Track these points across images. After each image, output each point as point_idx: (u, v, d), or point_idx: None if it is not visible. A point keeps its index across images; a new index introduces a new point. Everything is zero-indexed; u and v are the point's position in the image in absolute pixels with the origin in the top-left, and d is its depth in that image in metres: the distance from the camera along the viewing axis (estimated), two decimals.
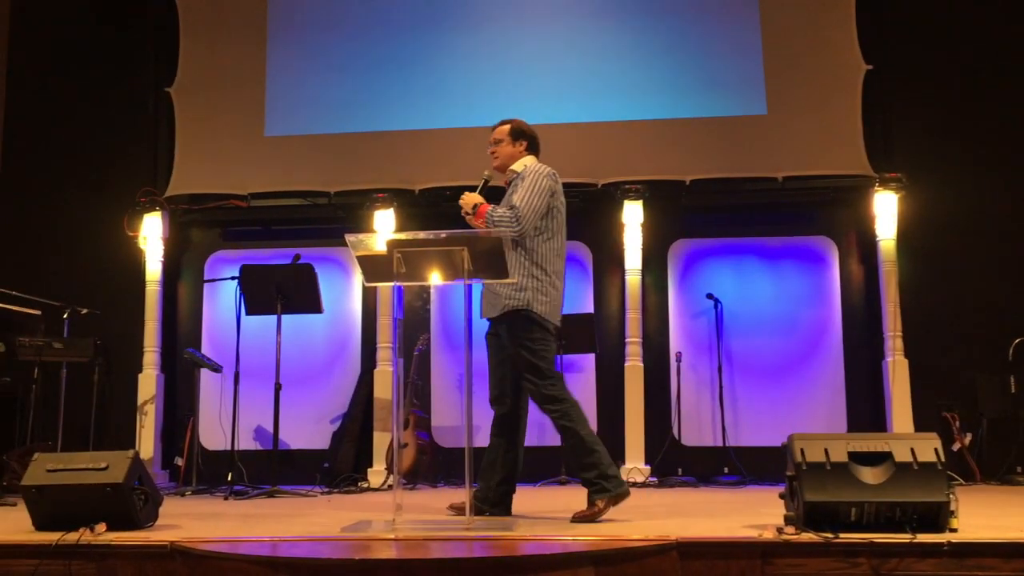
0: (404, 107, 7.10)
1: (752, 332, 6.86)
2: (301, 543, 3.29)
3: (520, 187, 4.05)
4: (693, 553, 3.03)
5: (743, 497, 5.18)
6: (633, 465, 6.39)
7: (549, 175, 4.10)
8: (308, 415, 7.00)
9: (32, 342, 5.90)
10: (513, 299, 3.98)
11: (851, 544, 2.98)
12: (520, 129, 4.30)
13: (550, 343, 4.04)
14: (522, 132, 4.30)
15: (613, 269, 7.00)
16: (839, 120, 6.75)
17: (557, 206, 4.12)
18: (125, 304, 7.01)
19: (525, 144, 4.28)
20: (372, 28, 7.23)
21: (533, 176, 4.07)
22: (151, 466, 6.60)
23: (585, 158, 6.92)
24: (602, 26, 7.06)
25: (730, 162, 6.83)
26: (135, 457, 3.64)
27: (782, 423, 6.51)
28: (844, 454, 3.20)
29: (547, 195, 4.05)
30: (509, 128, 4.29)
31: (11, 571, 3.14)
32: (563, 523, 3.76)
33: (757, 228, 7.01)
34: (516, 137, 4.27)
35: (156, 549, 3.15)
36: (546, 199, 4.04)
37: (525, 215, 3.96)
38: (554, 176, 4.13)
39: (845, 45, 6.81)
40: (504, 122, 4.34)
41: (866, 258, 6.84)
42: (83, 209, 7.31)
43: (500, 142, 4.28)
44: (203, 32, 7.37)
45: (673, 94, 6.93)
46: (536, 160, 4.26)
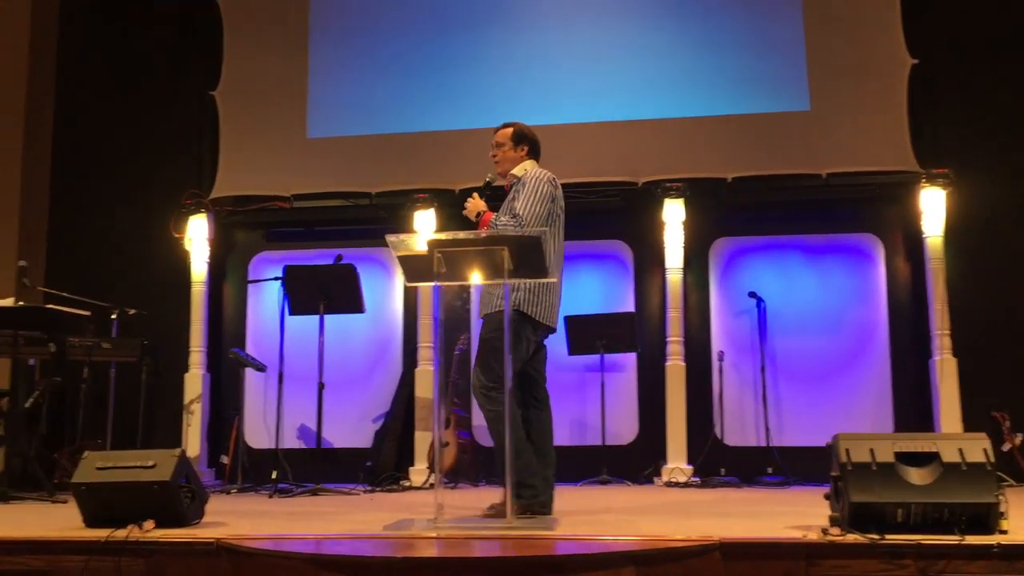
0: (445, 107, 7.12)
1: (796, 331, 6.78)
2: (344, 541, 3.32)
3: (521, 194, 4.09)
4: (736, 554, 3.01)
5: (787, 497, 5.13)
6: (675, 465, 6.35)
7: (549, 181, 4.14)
8: (351, 414, 7.06)
9: (82, 342, 6.02)
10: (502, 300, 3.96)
11: (897, 546, 2.93)
12: (522, 133, 4.32)
13: (520, 350, 4.02)
14: (524, 136, 4.32)
15: (654, 268, 6.97)
16: (884, 115, 6.64)
17: (557, 211, 4.15)
18: (172, 304, 7.12)
19: (526, 148, 4.31)
20: (413, 29, 7.26)
21: (534, 182, 4.12)
22: (197, 464, 6.69)
23: (625, 157, 6.89)
24: (643, 23, 7.03)
25: (772, 159, 6.76)
26: (182, 455, 3.70)
27: (827, 423, 6.43)
28: (890, 454, 3.15)
29: (548, 201, 4.10)
30: (511, 132, 4.32)
31: (62, 567, 3.21)
32: (604, 523, 3.75)
33: (800, 225, 6.93)
34: (518, 141, 4.30)
35: (202, 546, 3.20)
36: (547, 205, 4.09)
37: (528, 223, 4.00)
38: (554, 182, 4.17)
39: (890, 38, 6.70)
40: (506, 125, 4.36)
41: (913, 255, 6.73)
42: (130, 211, 7.44)
43: (502, 146, 4.31)
44: (246, 37, 7.47)
45: (714, 91, 6.87)
46: (536, 165, 4.29)
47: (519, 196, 4.09)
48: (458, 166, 7.03)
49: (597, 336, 6.52)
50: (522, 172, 4.24)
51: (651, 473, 6.55)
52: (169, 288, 7.18)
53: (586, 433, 6.85)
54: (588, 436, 6.81)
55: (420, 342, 6.79)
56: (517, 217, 4.01)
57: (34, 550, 3.26)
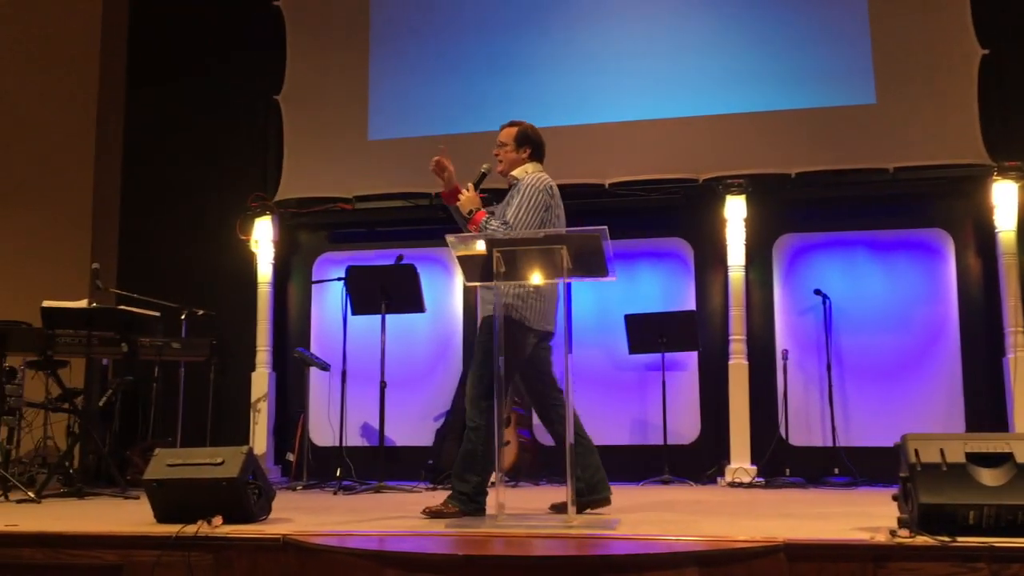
0: (503, 107, 7.12)
1: (863, 328, 6.65)
2: (407, 538, 3.35)
3: (515, 201, 4.04)
4: (801, 555, 2.96)
5: (854, 499, 5.03)
6: (738, 465, 6.28)
7: (545, 189, 4.07)
8: (412, 413, 7.12)
9: (152, 343, 6.16)
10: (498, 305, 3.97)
11: (969, 548, 2.86)
12: (526, 134, 4.24)
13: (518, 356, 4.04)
14: (527, 138, 4.24)
15: (716, 265, 6.89)
16: (953, 107, 6.47)
17: (551, 220, 4.08)
18: (238, 305, 7.27)
19: (529, 150, 4.23)
20: (471, 31, 7.30)
21: (530, 190, 4.05)
22: (264, 461, 6.82)
23: (686, 153, 6.84)
24: (703, 18, 6.96)
25: (837, 154, 6.64)
26: (249, 452, 3.76)
27: (895, 423, 6.29)
28: (961, 455, 3.07)
29: (541, 210, 4.03)
30: (515, 132, 4.24)
31: (135, 561, 3.29)
32: (666, 522, 3.72)
33: (867, 221, 6.79)
34: (521, 143, 4.23)
35: (269, 542, 3.25)
36: (540, 214, 4.02)
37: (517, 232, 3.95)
38: (550, 190, 4.09)
39: (959, 28, 6.52)
40: (511, 124, 4.28)
41: (984, 250, 6.55)
42: (198, 214, 7.62)
43: (504, 145, 4.24)
44: (309, 42, 7.59)
45: (776, 85, 6.77)
46: (539, 168, 4.22)
47: (512, 201, 4.07)
48: None
49: (658, 335, 6.47)
50: (521, 175, 4.19)
51: (714, 473, 6.48)
52: (236, 289, 7.34)
53: (647, 432, 6.81)
54: (649, 435, 6.77)
55: None
56: (506, 226, 3.97)
57: (108, 545, 3.35)
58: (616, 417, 6.87)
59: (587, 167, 6.93)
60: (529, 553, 3.03)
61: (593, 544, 3.14)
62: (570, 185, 6.97)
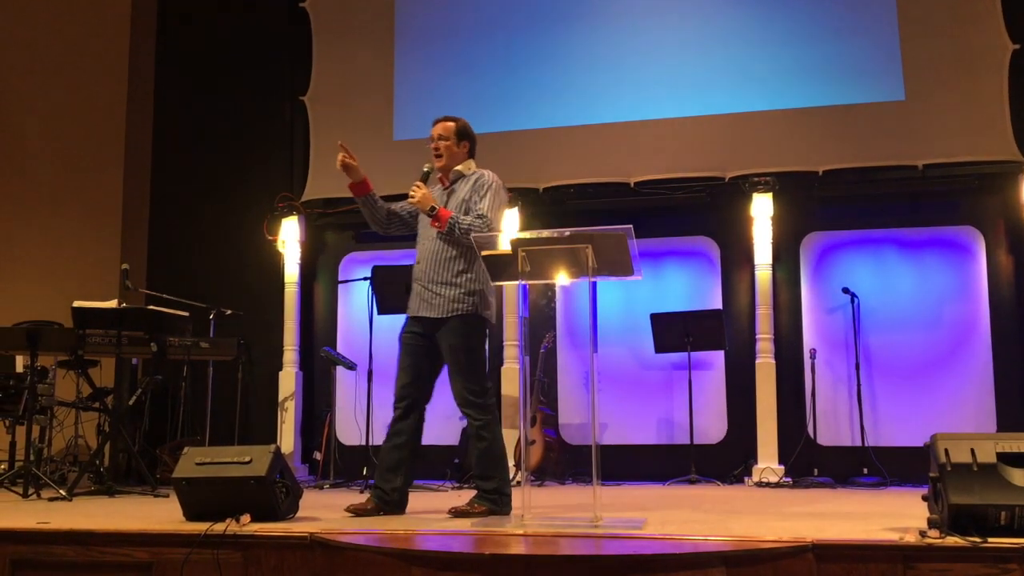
0: (527, 106, 7.14)
1: (892, 327, 6.58)
2: (433, 537, 3.36)
3: (483, 194, 4.08)
4: (830, 556, 2.94)
5: (883, 499, 4.98)
6: (766, 465, 6.24)
7: (505, 190, 4.20)
8: (438, 412, 7.04)
9: (181, 342, 6.21)
10: (463, 302, 4.02)
11: (1001, 549, 2.82)
12: (465, 129, 4.25)
13: (485, 351, 4.17)
14: (466, 133, 4.26)
15: (742, 264, 6.85)
16: (984, 103, 6.39)
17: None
18: (266, 305, 7.32)
19: (468, 146, 4.25)
20: (495, 30, 7.30)
21: (496, 187, 4.13)
22: (291, 460, 6.86)
23: (711, 151, 6.80)
24: (728, 14, 6.91)
25: (866, 151, 6.57)
26: (276, 451, 3.79)
27: (925, 423, 6.22)
28: (992, 455, 3.03)
29: (504, 209, 4.19)
30: (455, 127, 4.23)
31: (164, 558, 3.33)
32: (693, 522, 3.71)
33: (896, 219, 6.71)
34: (461, 138, 4.23)
35: (297, 540, 3.28)
36: (503, 213, 4.16)
37: (494, 227, 4.01)
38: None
39: (989, 23, 6.43)
40: (448, 119, 4.26)
41: (1016, 248, 6.46)
42: (225, 215, 7.68)
43: (445, 140, 4.21)
44: (334, 43, 7.62)
45: (803, 82, 6.71)
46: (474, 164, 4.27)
47: (477, 195, 4.09)
48: (541, 164, 7.04)
49: (684, 334, 6.45)
50: (468, 170, 4.23)
51: (741, 473, 6.45)
52: (263, 289, 7.39)
53: (674, 432, 6.78)
54: (676, 435, 6.74)
55: (505, 340, 6.83)
56: (484, 218, 4.00)
57: (138, 542, 3.39)
58: (642, 416, 6.85)
59: (613, 166, 6.91)
60: (555, 552, 3.02)
61: (619, 544, 3.13)
62: (595, 184, 7.00)
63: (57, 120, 7.90)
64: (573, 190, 7.00)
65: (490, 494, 3.98)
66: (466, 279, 4.04)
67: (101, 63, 7.94)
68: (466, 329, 4.02)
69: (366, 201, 4.27)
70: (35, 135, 7.92)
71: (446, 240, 4.05)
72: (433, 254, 4.09)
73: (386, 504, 4.03)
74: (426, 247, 4.12)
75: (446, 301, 4.03)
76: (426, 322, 4.07)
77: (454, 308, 4.02)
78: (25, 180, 7.86)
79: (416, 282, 4.13)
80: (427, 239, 4.13)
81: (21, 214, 7.79)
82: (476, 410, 4.01)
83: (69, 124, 7.89)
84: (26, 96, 7.97)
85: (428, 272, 4.08)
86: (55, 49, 7.97)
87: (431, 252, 4.10)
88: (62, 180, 7.82)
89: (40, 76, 7.98)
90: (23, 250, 7.74)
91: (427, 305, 4.07)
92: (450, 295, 4.02)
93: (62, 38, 7.97)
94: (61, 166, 7.84)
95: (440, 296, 4.04)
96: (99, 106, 7.88)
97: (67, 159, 7.84)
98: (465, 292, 4.03)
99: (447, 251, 4.07)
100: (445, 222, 3.99)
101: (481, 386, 4.04)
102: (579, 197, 7.04)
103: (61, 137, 7.87)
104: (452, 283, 4.03)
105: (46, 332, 5.60)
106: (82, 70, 7.94)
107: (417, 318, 4.11)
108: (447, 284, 4.03)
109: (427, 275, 4.09)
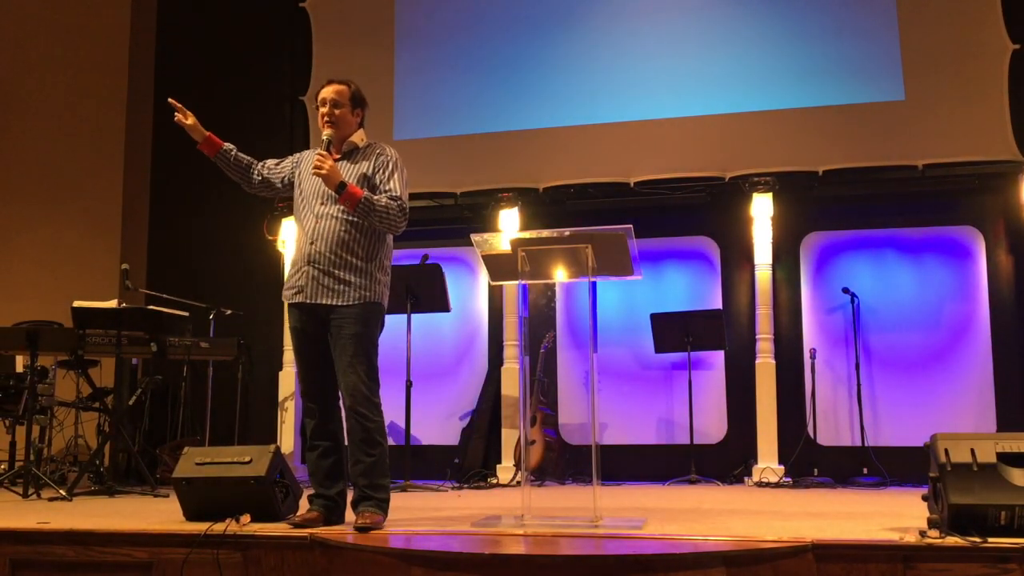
0: (527, 106, 7.14)
1: (892, 327, 6.59)
2: (433, 537, 3.36)
3: (393, 175, 3.70)
4: (830, 556, 2.94)
5: (883, 499, 4.98)
6: (766, 465, 6.24)
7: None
8: (438, 411, 7.14)
9: (181, 342, 6.21)
10: (368, 290, 3.62)
11: (1001, 549, 2.82)
12: (360, 95, 3.84)
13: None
14: (362, 99, 3.84)
15: (742, 264, 6.86)
16: (984, 103, 6.39)
17: None
18: (265, 304, 7.32)
19: (361, 114, 3.84)
20: (495, 31, 7.30)
21: (400, 164, 3.75)
22: (291, 460, 6.86)
23: (711, 151, 6.79)
24: (728, 14, 6.91)
25: (865, 151, 6.57)
26: (276, 451, 3.79)
27: (925, 422, 6.23)
28: (992, 455, 3.03)
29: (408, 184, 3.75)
30: (350, 92, 3.81)
31: (164, 558, 3.33)
32: (693, 522, 3.71)
33: (896, 219, 6.72)
34: (356, 104, 3.82)
35: (297, 540, 3.27)
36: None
37: (406, 209, 3.67)
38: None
39: (989, 23, 6.43)
40: (341, 81, 3.84)
41: (1016, 248, 6.46)
42: (225, 216, 7.67)
43: (340, 106, 3.77)
44: (335, 42, 7.62)
45: (803, 82, 6.71)
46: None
47: (383, 173, 3.69)
48: (541, 164, 7.04)
49: (684, 334, 6.45)
50: (363, 142, 3.80)
51: (741, 473, 6.45)
52: (263, 289, 7.38)
53: (673, 431, 6.79)
54: (676, 435, 6.74)
55: (506, 340, 6.83)
56: (398, 200, 3.63)
57: (138, 542, 3.39)
58: (642, 416, 6.86)
59: (612, 166, 6.91)
60: (555, 552, 3.02)
61: (619, 544, 3.13)
62: (595, 184, 7.00)
63: (57, 120, 7.90)
64: (573, 190, 7.00)
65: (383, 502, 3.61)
66: (373, 265, 3.66)
67: (101, 63, 7.94)
68: (368, 317, 3.62)
69: (221, 159, 3.90)
70: (35, 135, 7.92)
71: (349, 220, 3.62)
72: (334, 234, 3.62)
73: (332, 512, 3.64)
74: (325, 226, 3.63)
75: (352, 288, 3.60)
76: (322, 310, 3.61)
77: (361, 296, 3.61)
78: (25, 180, 7.86)
79: (311, 265, 3.62)
80: (325, 217, 3.65)
81: (22, 214, 7.79)
82: (373, 410, 3.59)
83: (69, 124, 7.89)
84: (26, 96, 7.97)
85: (328, 255, 3.60)
86: (55, 49, 7.97)
87: (332, 232, 3.62)
88: (63, 181, 7.82)
89: (40, 76, 7.98)
90: (23, 250, 7.74)
91: (327, 291, 3.60)
92: (356, 282, 3.60)
93: (62, 38, 7.97)
94: (61, 166, 7.84)
95: (343, 282, 3.60)
96: (99, 106, 7.88)
97: (67, 159, 7.84)
98: (369, 279, 3.63)
99: (351, 232, 3.62)
100: (356, 202, 3.56)
101: (377, 382, 3.64)
102: (579, 197, 7.04)
103: (61, 137, 7.87)
104: (358, 268, 3.61)
105: (46, 332, 5.60)
106: (82, 70, 7.94)
107: (313, 305, 3.62)
108: (352, 269, 3.61)
109: (326, 259, 3.60)
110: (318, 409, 3.68)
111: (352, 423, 3.59)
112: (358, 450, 3.59)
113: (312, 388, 3.69)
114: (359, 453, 3.58)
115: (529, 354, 6.65)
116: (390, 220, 3.62)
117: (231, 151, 3.95)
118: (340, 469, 3.70)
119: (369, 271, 3.65)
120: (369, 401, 3.58)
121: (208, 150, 3.91)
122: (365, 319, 3.61)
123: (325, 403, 3.69)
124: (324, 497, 3.64)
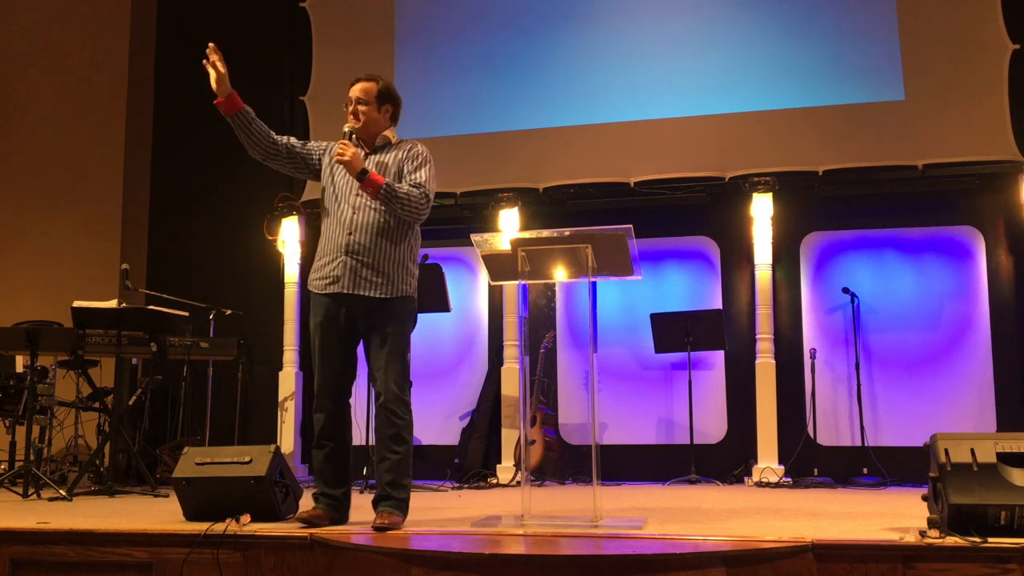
0: (527, 106, 7.14)
1: (892, 327, 6.59)
2: (433, 536, 3.36)
3: (422, 167, 3.70)
4: (830, 556, 2.94)
5: (883, 499, 4.98)
6: (766, 465, 6.24)
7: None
8: (438, 411, 7.14)
9: (181, 342, 6.22)
10: (404, 283, 3.62)
11: (1001, 549, 2.83)
12: (389, 92, 3.80)
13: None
14: (390, 96, 3.80)
15: (742, 264, 6.86)
16: (984, 103, 6.39)
17: None
18: (265, 305, 7.32)
19: (391, 111, 3.83)
20: (496, 31, 7.30)
21: (431, 160, 3.75)
22: (291, 460, 6.86)
23: (711, 151, 6.80)
24: (728, 14, 6.91)
25: (865, 151, 6.57)
26: (276, 451, 3.79)
27: (925, 422, 6.23)
28: (992, 455, 3.04)
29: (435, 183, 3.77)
30: (377, 89, 3.77)
31: (165, 558, 3.33)
32: (693, 522, 3.71)
33: (896, 219, 6.72)
34: (383, 101, 3.79)
35: (297, 540, 3.28)
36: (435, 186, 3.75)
37: (431, 199, 3.68)
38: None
39: (989, 23, 6.43)
40: (370, 79, 3.81)
41: (1016, 248, 6.46)
42: (225, 216, 7.68)
43: (366, 104, 3.77)
44: (335, 43, 7.62)
45: (803, 82, 6.71)
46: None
47: (411, 165, 3.69)
48: (541, 164, 7.05)
49: (684, 333, 6.45)
50: (395, 139, 3.82)
51: (741, 473, 6.45)
52: (263, 289, 7.39)
53: (673, 431, 6.79)
54: (676, 435, 6.74)
55: (506, 340, 6.83)
56: (422, 188, 3.62)
57: (138, 542, 3.39)
58: (642, 416, 6.86)
59: (612, 166, 6.91)
60: (555, 552, 3.02)
61: (619, 544, 3.13)
62: (595, 184, 7.00)
63: (57, 120, 7.90)
64: (573, 190, 7.00)
65: (403, 502, 3.61)
66: (408, 256, 3.66)
67: (101, 63, 7.94)
68: (404, 313, 3.63)
69: (238, 121, 3.77)
70: (35, 135, 7.92)
71: (384, 211, 3.61)
72: (375, 225, 3.60)
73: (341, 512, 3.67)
74: (365, 217, 3.61)
75: (389, 281, 3.59)
76: (360, 301, 3.59)
77: (398, 289, 3.60)
78: (25, 180, 7.86)
79: (350, 256, 3.59)
80: (363, 208, 3.62)
81: (21, 214, 7.80)
82: (403, 408, 3.61)
83: (69, 124, 7.89)
84: (26, 96, 7.97)
85: (368, 246, 3.58)
86: (55, 49, 7.97)
87: (373, 223, 3.60)
88: (62, 180, 7.82)
89: (40, 76, 7.98)
90: (23, 250, 7.75)
91: (366, 283, 3.57)
92: (394, 274, 3.60)
93: (62, 38, 7.97)
94: (61, 166, 7.84)
95: (382, 275, 3.59)
96: (99, 106, 7.88)
97: (67, 159, 7.84)
98: (404, 271, 3.63)
99: (389, 223, 3.62)
100: (378, 189, 3.53)
101: (409, 381, 3.66)
102: (579, 197, 7.04)
103: (61, 137, 7.87)
104: (395, 260, 3.61)
105: (46, 332, 5.60)
106: (82, 70, 7.94)
107: (350, 296, 3.59)
108: (391, 261, 3.60)
109: (367, 250, 3.58)
110: (331, 408, 3.68)
111: (381, 419, 3.61)
112: (384, 447, 3.60)
113: (329, 385, 3.69)
114: (385, 450, 3.60)
115: (529, 354, 6.66)
116: (411, 207, 3.60)
117: (250, 113, 3.85)
118: (347, 471, 3.72)
119: (404, 263, 3.66)
120: (400, 399, 3.60)
121: (226, 108, 3.78)
122: (402, 315, 3.63)
123: (338, 403, 3.70)
124: (330, 496, 3.65)
